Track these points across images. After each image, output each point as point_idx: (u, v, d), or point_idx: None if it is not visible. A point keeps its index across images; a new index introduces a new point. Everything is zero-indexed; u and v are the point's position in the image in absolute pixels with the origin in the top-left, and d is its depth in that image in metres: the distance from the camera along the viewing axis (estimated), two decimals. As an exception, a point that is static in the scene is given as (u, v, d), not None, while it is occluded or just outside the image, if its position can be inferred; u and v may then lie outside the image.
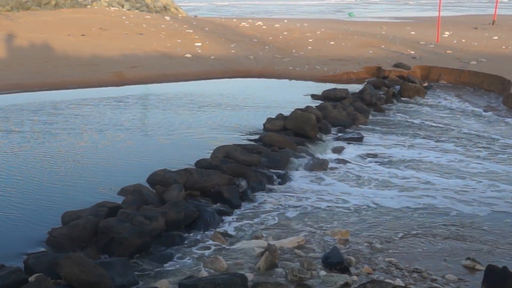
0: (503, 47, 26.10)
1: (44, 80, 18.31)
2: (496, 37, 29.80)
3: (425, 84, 19.99)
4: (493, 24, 38.67)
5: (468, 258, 7.36)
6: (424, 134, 13.79)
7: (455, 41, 27.78)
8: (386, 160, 11.77)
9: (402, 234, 8.20)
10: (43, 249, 7.28)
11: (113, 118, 14.23)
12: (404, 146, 12.78)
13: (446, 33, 30.83)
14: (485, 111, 16.70)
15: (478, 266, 7.18)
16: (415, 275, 6.98)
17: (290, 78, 20.72)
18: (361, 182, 10.50)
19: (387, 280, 6.56)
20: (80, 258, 6.27)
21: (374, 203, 9.40)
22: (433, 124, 14.82)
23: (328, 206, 9.23)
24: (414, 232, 8.30)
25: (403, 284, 6.54)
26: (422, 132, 14.04)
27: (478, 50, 24.94)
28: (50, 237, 7.44)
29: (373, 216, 8.87)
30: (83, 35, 25.66)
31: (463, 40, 28.20)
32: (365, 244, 7.84)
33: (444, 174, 10.95)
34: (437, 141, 13.27)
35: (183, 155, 11.28)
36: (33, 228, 7.89)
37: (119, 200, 8.63)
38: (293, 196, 9.66)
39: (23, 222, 8.11)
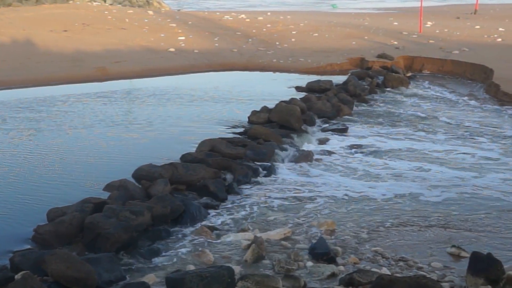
0: (485, 36, 26.24)
1: (27, 76, 18.19)
2: (478, 26, 29.95)
3: (409, 74, 20.09)
4: (475, 13, 38.88)
5: (453, 246, 7.43)
6: (408, 124, 13.86)
7: (437, 31, 27.89)
8: (370, 150, 11.83)
9: (388, 224, 8.25)
10: (29, 246, 7.23)
11: (97, 113, 14.16)
12: (389, 136, 12.84)
13: (429, 23, 30.95)
14: (468, 99, 16.80)
15: (463, 253, 7.24)
16: (401, 263, 7.03)
17: (274, 70, 20.73)
18: (346, 172, 10.54)
19: (373, 270, 6.60)
20: (67, 254, 6.26)
21: (360, 194, 9.44)
22: (417, 114, 14.90)
23: (314, 197, 9.26)
24: (399, 221, 8.36)
25: (389, 273, 6.58)
26: (406, 122, 14.11)
27: (461, 40, 25.06)
28: (36, 234, 7.40)
29: (359, 206, 8.91)
30: (66, 30, 25.48)
31: (446, 30, 28.32)
32: (351, 234, 7.88)
33: (428, 163, 11.01)
34: (422, 130, 13.35)
35: (168, 149, 11.27)
36: (18, 226, 7.85)
37: (105, 195, 8.60)
38: (279, 188, 9.68)
39: (8, 219, 8.06)
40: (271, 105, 13.50)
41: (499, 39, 25.14)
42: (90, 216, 7.55)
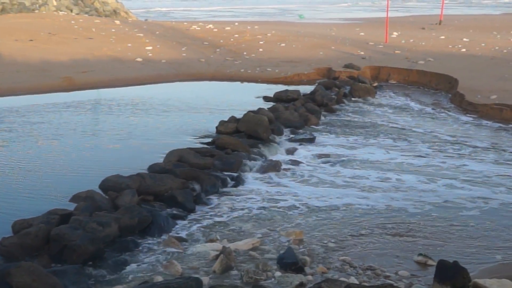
0: (450, 46, 26.63)
1: (-9, 87, 17.94)
2: (443, 37, 30.39)
3: (375, 84, 20.26)
4: (440, 24, 39.46)
5: (420, 254, 7.51)
6: (375, 134, 13.98)
7: (403, 41, 28.23)
8: (338, 160, 11.89)
9: (355, 233, 8.31)
10: (-7, 259, 7.14)
11: (64, 124, 14.03)
12: (356, 146, 12.93)
13: (395, 33, 31.31)
14: (433, 109, 17.01)
15: (430, 262, 7.33)
16: (368, 272, 7.08)
17: (242, 80, 20.77)
18: (314, 182, 10.59)
19: (341, 279, 6.64)
20: (32, 267, 6.18)
21: (327, 203, 9.49)
22: (384, 124, 15.04)
23: (282, 207, 9.29)
24: (366, 230, 8.42)
25: (357, 282, 6.62)
26: (373, 131, 14.23)
27: (426, 50, 25.39)
28: (1, 247, 7.29)
29: (327, 216, 8.96)
30: (31, 40, 25.22)
31: (411, 40, 28.67)
32: (319, 243, 7.92)
33: (394, 173, 11.11)
34: (388, 140, 13.46)
35: (135, 160, 11.20)
36: (-18, 238, 7.73)
37: (71, 207, 8.52)
38: (247, 198, 9.69)
39: (-28, 232, 7.93)
40: (239, 115, 13.52)
41: (464, 49, 25.53)
42: (56, 228, 7.47)
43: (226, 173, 10.63)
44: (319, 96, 16.84)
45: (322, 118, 15.46)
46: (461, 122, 15.43)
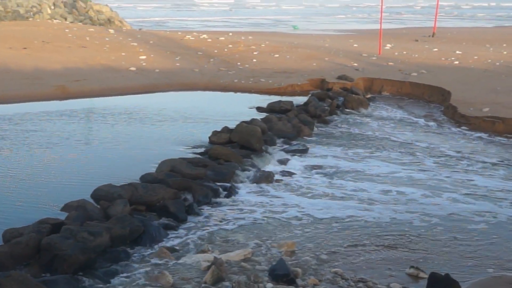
0: (443, 58, 26.74)
1: (-16, 94, 17.89)
2: (436, 49, 30.52)
3: (368, 96, 20.31)
4: (433, 36, 39.64)
5: (412, 267, 7.51)
6: (368, 145, 14.00)
7: (396, 53, 28.32)
8: (330, 171, 11.91)
9: (347, 245, 8.30)
10: (-17, 268, 7.09)
11: (57, 132, 13.99)
12: (348, 157, 12.95)
13: (388, 45, 31.42)
14: (426, 121, 17.07)
15: (421, 274, 7.33)
16: (360, 284, 7.07)
17: (235, 90, 20.76)
18: (306, 193, 10.59)
19: (333, 291, 6.63)
20: (22, 276, 6.15)
21: (319, 215, 9.49)
22: (377, 135, 15.07)
23: (274, 218, 9.28)
24: (359, 242, 8.42)
25: (348, 294, 6.61)
26: (366, 143, 14.25)
27: (419, 62, 25.48)
28: (-9, 256, 7.25)
29: (319, 227, 8.95)
30: (25, 48, 25.19)
31: (404, 52, 28.77)
32: (311, 255, 7.91)
33: (387, 185, 11.13)
34: (381, 151, 13.50)
35: (128, 169, 11.18)
36: (-27, 247, 7.68)
37: (63, 216, 8.49)
38: (239, 209, 9.68)
39: (-38, 241, 7.89)
40: (232, 125, 13.51)
41: (456, 62, 25.63)
42: (47, 237, 7.44)
43: (218, 183, 10.62)
44: (312, 107, 16.86)
45: (315, 129, 15.47)
46: (453, 134, 15.48)
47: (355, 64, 24.81)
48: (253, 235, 8.59)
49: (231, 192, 10.44)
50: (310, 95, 19.04)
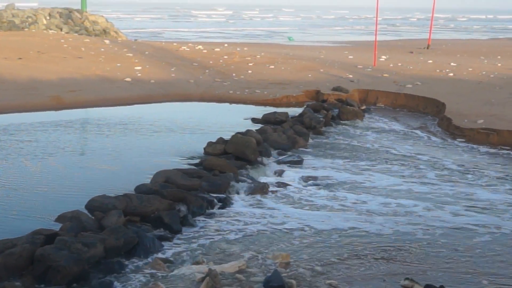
0: (438, 70, 26.84)
1: (-21, 105, 17.87)
2: (430, 61, 30.65)
3: (363, 107, 20.35)
4: (427, 48, 39.84)
5: (407, 278, 7.50)
6: (363, 157, 14.02)
7: (391, 65, 28.42)
8: (326, 182, 11.91)
9: (342, 256, 8.29)
10: (-24, 279, 7.06)
11: (51, 143, 13.96)
12: (343, 169, 12.95)
13: (383, 57, 31.55)
14: (420, 133, 17.11)
15: (416, 286, 7.31)
16: (355, 296, 7.06)
17: (231, 101, 20.78)
18: (301, 205, 10.58)
19: (327, 303, 6.61)
20: (16, 288, 6.12)
21: (315, 226, 9.47)
22: (372, 147, 15.08)
23: (269, 230, 9.26)
24: (353, 254, 8.41)
25: (343, 306, 6.60)
26: (361, 154, 14.27)
27: (414, 74, 25.57)
28: (-16, 267, 7.22)
29: (314, 239, 8.94)
30: (20, 58, 25.17)
31: (399, 64, 28.88)
32: (306, 267, 7.89)
33: (382, 196, 11.13)
34: (376, 163, 13.50)
35: (122, 180, 11.16)
36: (-34, 258, 7.64)
37: (57, 227, 8.46)
38: (234, 220, 9.66)
39: (-45, 251, 7.84)
40: (227, 136, 13.51)
41: (451, 74, 25.74)
42: (41, 248, 7.40)
43: (213, 194, 10.60)
44: (307, 118, 16.88)
45: (310, 140, 15.49)
46: (447, 146, 15.52)
47: (350, 76, 24.88)
48: (248, 247, 8.57)
49: (226, 203, 10.43)
50: (305, 106, 19.07)
